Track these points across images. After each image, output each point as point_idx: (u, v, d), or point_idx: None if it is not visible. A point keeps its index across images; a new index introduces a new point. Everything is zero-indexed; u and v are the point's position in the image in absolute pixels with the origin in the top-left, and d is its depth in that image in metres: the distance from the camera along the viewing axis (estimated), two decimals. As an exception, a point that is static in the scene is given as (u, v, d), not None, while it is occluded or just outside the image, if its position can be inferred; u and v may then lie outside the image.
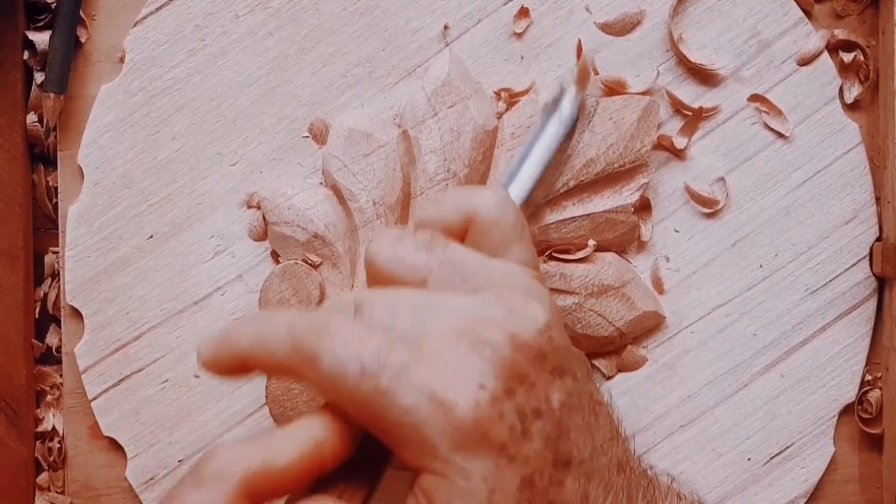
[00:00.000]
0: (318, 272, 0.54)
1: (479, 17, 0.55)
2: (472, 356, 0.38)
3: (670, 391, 0.56)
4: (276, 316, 0.40)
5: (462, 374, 0.38)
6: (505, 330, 0.39)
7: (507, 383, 0.39)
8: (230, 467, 0.37)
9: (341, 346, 0.38)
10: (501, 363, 0.39)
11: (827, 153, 0.56)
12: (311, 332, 0.39)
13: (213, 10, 0.55)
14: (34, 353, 0.57)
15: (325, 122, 0.55)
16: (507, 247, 0.43)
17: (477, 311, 0.40)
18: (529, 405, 0.39)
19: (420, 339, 0.39)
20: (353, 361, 0.38)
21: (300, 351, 0.38)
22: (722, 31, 0.56)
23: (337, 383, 0.38)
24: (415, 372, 0.38)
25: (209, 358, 0.41)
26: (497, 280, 0.41)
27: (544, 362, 0.40)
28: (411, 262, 0.41)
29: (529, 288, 0.41)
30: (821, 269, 0.56)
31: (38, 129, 0.56)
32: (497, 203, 0.43)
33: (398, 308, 0.40)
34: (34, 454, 0.57)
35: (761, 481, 0.56)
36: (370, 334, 0.38)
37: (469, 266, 0.41)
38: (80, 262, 0.56)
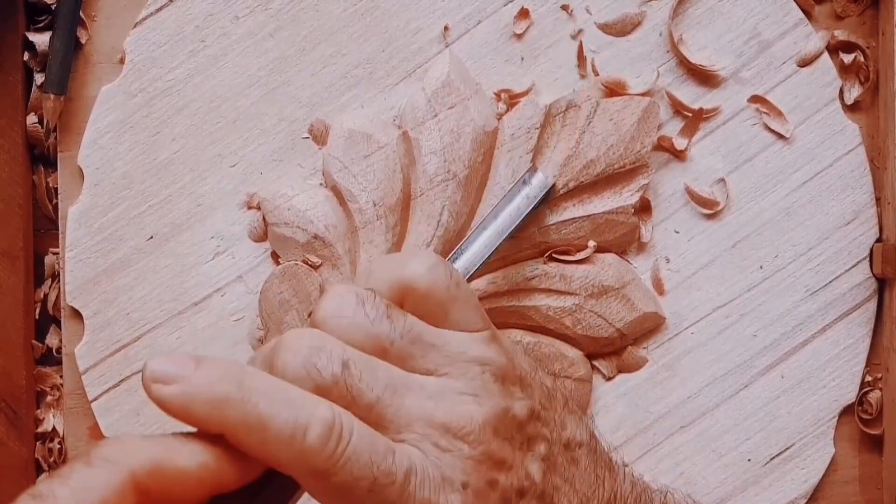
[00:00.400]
0: (318, 273, 0.54)
1: (479, 18, 0.55)
2: (452, 453, 0.39)
3: (670, 392, 0.56)
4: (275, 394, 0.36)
5: (448, 474, 0.38)
6: (477, 419, 0.39)
7: (489, 475, 0.39)
8: (123, 455, 0.35)
9: (356, 465, 0.36)
10: (481, 457, 0.39)
11: (827, 154, 0.56)
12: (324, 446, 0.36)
13: (213, 11, 0.55)
14: (34, 354, 0.57)
15: (325, 123, 0.55)
16: (445, 312, 0.42)
17: (448, 399, 0.39)
18: (513, 488, 0.40)
19: (403, 428, 0.39)
20: (366, 478, 0.37)
21: (310, 464, 0.36)
22: (722, 33, 0.56)
23: (341, 497, 0.37)
24: (412, 479, 0.38)
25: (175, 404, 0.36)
26: (453, 356, 0.41)
27: (515, 439, 0.40)
28: (374, 329, 0.40)
29: (490, 361, 0.41)
30: (821, 270, 0.56)
31: (38, 131, 0.56)
32: (426, 270, 0.42)
33: (378, 382, 0.39)
34: (34, 455, 0.57)
35: (761, 482, 0.56)
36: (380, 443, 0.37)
37: (426, 340, 0.41)
38: (80, 262, 0.56)
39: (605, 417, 0.56)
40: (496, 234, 0.51)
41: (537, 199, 0.52)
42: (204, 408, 0.36)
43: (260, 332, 0.55)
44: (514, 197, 0.52)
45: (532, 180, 0.53)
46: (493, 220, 0.52)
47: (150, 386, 0.36)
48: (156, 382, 0.36)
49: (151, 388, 0.36)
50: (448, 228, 0.53)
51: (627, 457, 0.56)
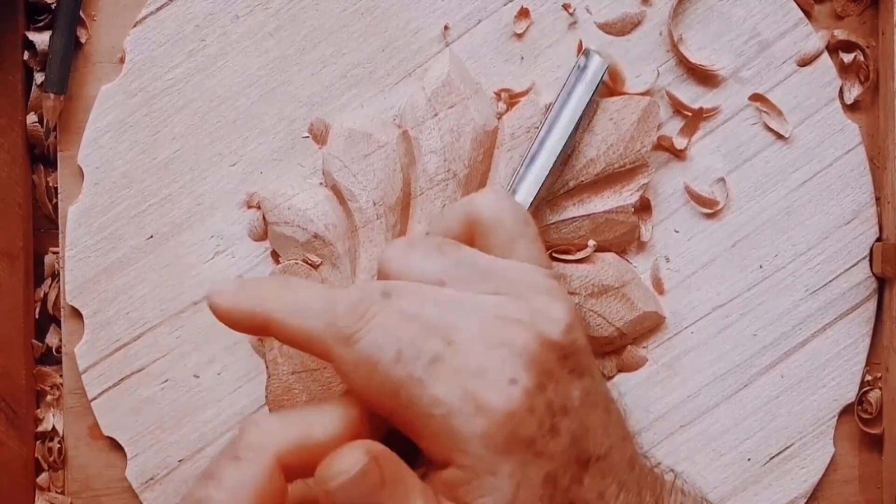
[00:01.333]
0: (318, 272, 0.54)
1: (479, 17, 0.55)
2: (502, 350, 0.38)
3: (670, 391, 0.56)
4: (314, 288, 0.40)
5: (492, 368, 0.38)
6: (532, 329, 0.39)
7: (539, 378, 0.38)
8: (266, 440, 0.37)
9: (379, 329, 0.38)
10: (532, 358, 0.39)
11: (827, 154, 0.56)
12: (350, 312, 0.38)
13: (213, 10, 0.55)
14: (34, 354, 0.57)
15: (325, 123, 0.55)
16: (511, 246, 0.43)
17: (502, 310, 0.40)
18: (558, 401, 0.39)
19: (450, 333, 0.38)
20: (390, 346, 0.37)
21: (337, 329, 0.38)
22: (722, 32, 0.56)
23: (370, 367, 0.38)
24: (447, 364, 0.37)
25: (227, 307, 0.40)
26: (515, 280, 0.41)
27: (566, 361, 0.40)
28: (425, 265, 0.41)
29: (549, 288, 0.41)
30: (821, 269, 0.56)
31: (38, 130, 0.56)
32: (493, 203, 0.43)
33: (425, 300, 0.39)
34: (34, 454, 0.57)
35: (761, 481, 0.56)
36: (409, 322, 0.38)
37: (484, 266, 0.41)
38: (80, 262, 0.56)
39: (605, 417, 0.56)
40: (564, 129, 0.51)
41: (597, 85, 0.52)
42: (250, 301, 0.39)
43: (260, 331, 0.55)
44: (574, 89, 0.52)
45: (589, 64, 0.52)
46: (557, 117, 0.51)
47: (211, 297, 0.41)
48: (215, 294, 0.41)
49: (212, 297, 0.41)
50: (448, 228, 0.53)
51: (627, 456, 0.56)
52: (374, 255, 0.53)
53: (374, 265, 0.53)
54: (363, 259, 0.54)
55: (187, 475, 0.56)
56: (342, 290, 0.40)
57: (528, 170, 0.51)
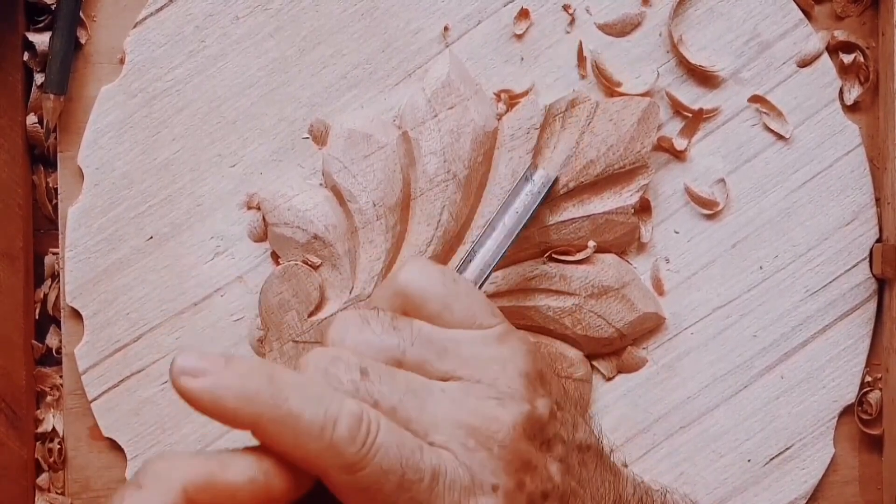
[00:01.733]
0: (318, 273, 0.54)
1: (479, 18, 0.55)
2: (481, 454, 0.38)
3: (670, 392, 0.56)
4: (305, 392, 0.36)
5: (477, 476, 0.38)
6: (504, 420, 0.39)
7: (517, 476, 0.39)
8: (174, 472, 0.35)
9: (385, 457, 0.36)
10: (509, 458, 0.39)
11: (827, 154, 0.56)
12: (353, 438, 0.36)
13: (213, 11, 0.55)
14: (34, 354, 0.57)
15: (325, 124, 0.55)
16: (449, 310, 0.42)
17: (472, 401, 0.39)
18: (538, 490, 0.39)
19: (430, 432, 0.38)
20: (395, 473, 0.36)
21: (339, 455, 0.36)
22: (722, 33, 0.56)
23: (371, 493, 0.36)
24: (442, 479, 0.37)
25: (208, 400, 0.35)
26: (468, 357, 0.40)
27: (537, 440, 0.40)
28: (382, 343, 0.40)
29: (502, 356, 0.41)
30: (821, 270, 0.56)
31: (38, 131, 0.56)
32: (417, 275, 0.42)
33: (401, 385, 0.38)
34: (34, 455, 0.57)
35: (761, 482, 0.56)
36: (407, 439, 0.37)
37: (438, 342, 0.40)
38: (79, 263, 0.56)
39: (605, 418, 0.56)
40: (504, 236, 0.51)
41: (541, 196, 0.52)
42: (235, 401, 0.35)
43: (260, 332, 0.55)
44: (517, 196, 0.52)
45: (534, 177, 0.53)
46: (499, 222, 0.52)
47: (178, 378, 0.35)
48: (184, 375, 0.35)
49: (180, 380, 0.35)
50: (448, 229, 0.53)
51: (627, 457, 0.56)
52: (373, 256, 0.53)
53: (373, 266, 0.53)
54: (363, 260, 0.54)
55: (187, 476, 0.55)
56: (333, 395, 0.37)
57: (483, 243, 0.51)
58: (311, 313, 0.54)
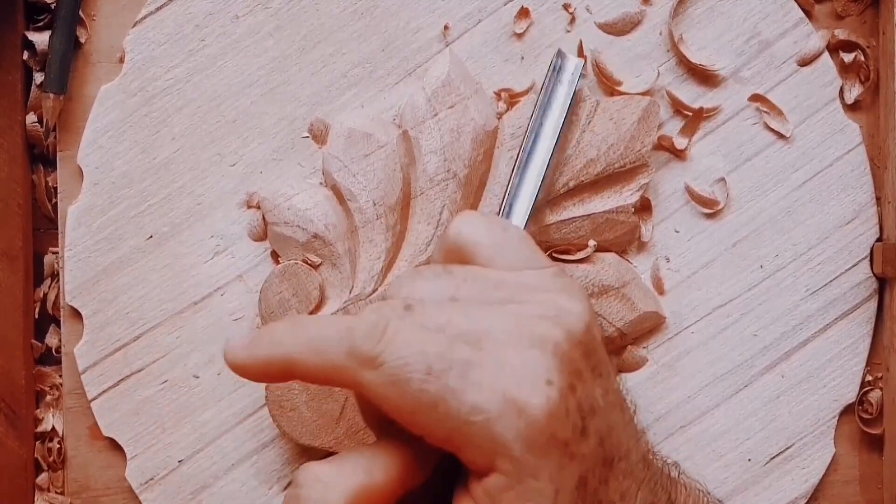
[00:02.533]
0: (317, 272, 0.54)
1: (479, 17, 0.55)
2: (535, 351, 0.38)
3: (670, 392, 0.56)
4: (327, 320, 0.39)
5: (528, 370, 0.37)
6: (559, 326, 0.39)
7: (570, 378, 0.38)
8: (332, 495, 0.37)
9: (404, 346, 0.37)
10: (563, 358, 0.38)
11: (827, 153, 0.56)
12: (369, 335, 0.37)
13: (212, 10, 0.55)
14: (34, 354, 0.57)
15: (325, 123, 0.55)
16: (499, 258, 0.42)
17: (527, 310, 0.39)
18: (586, 402, 0.39)
19: (479, 338, 0.38)
20: (419, 362, 0.37)
21: (359, 354, 0.37)
22: (722, 32, 0.56)
23: (401, 386, 0.37)
24: (481, 370, 0.37)
25: (244, 360, 0.39)
26: (526, 285, 0.41)
27: (589, 359, 0.40)
28: (436, 287, 0.40)
29: (562, 286, 0.41)
30: (821, 269, 0.56)
31: (37, 130, 0.56)
32: (465, 227, 0.43)
33: (449, 309, 0.39)
34: (34, 454, 0.57)
35: (762, 482, 0.56)
36: (431, 334, 0.38)
37: (494, 277, 0.41)
38: (79, 262, 0.55)
39: (606, 417, 0.56)
40: (550, 134, 0.51)
41: (576, 86, 0.52)
42: (267, 348, 0.39)
43: (260, 331, 0.55)
44: (553, 94, 0.52)
45: (565, 65, 0.52)
46: (539, 126, 0.51)
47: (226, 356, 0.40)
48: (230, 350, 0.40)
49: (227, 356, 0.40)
50: (448, 228, 0.53)
51: (628, 456, 0.56)
52: (373, 255, 0.53)
53: (373, 265, 0.53)
54: (363, 259, 0.54)
55: (187, 475, 0.55)
56: (356, 315, 0.40)
57: (521, 179, 0.51)
58: (311, 312, 0.54)
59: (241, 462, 0.56)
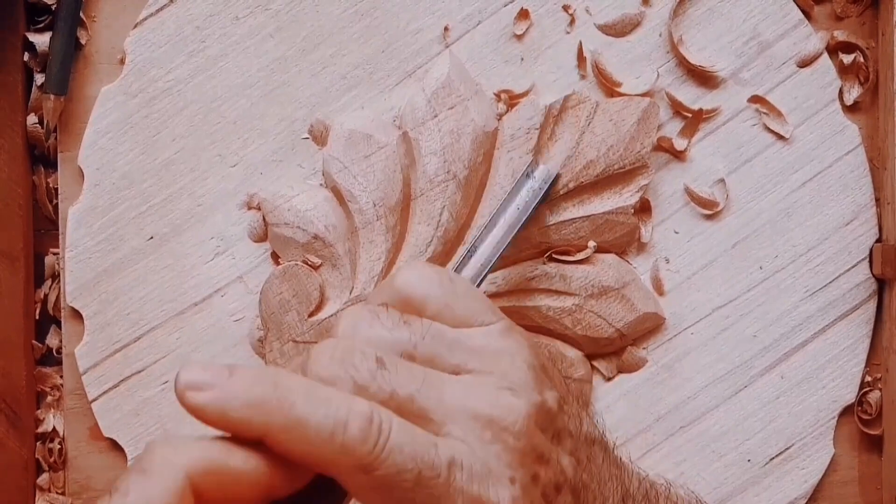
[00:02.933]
0: (318, 273, 0.54)
1: (479, 18, 0.55)
2: (496, 447, 0.38)
3: (670, 392, 0.56)
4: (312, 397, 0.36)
5: (493, 468, 0.38)
6: (516, 414, 0.39)
7: (532, 468, 0.38)
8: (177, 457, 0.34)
9: (398, 453, 0.36)
10: (525, 449, 0.38)
11: (827, 155, 0.56)
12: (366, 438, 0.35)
13: (213, 11, 0.55)
14: (34, 355, 0.57)
15: (325, 124, 0.55)
16: (450, 311, 0.41)
17: (484, 392, 0.39)
18: (551, 483, 0.39)
19: (446, 422, 0.38)
20: (411, 471, 0.36)
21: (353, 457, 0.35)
22: (722, 33, 0.56)
23: (387, 492, 0.36)
24: (458, 472, 0.37)
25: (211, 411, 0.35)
26: (477, 350, 0.40)
27: (549, 429, 0.40)
28: (394, 337, 0.39)
29: (509, 349, 0.41)
30: (821, 270, 0.56)
31: (38, 131, 0.56)
32: (416, 277, 0.42)
33: (418, 376, 0.38)
34: (34, 455, 0.57)
35: (761, 482, 0.56)
36: (421, 436, 0.37)
37: (449, 337, 0.40)
38: (80, 263, 0.56)
39: (606, 417, 0.55)
40: (504, 233, 0.51)
41: (542, 193, 0.52)
42: (241, 412, 0.35)
43: (260, 332, 0.55)
44: (518, 193, 0.52)
45: (535, 173, 0.53)
46: (499, 219, 0.52)
47: (184, 394, 0.35)
48: (190, 390, 0.35)
49: (186, 395, 0.35)
50: (448, 229, 0.53)
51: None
52: (374, 256, 0.53)
53: (373, 266, 0.53)
54: (363, 260, 0.54)
55: (187, 476, 0.56)
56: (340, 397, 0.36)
57: (482, 241, 0.51)
58: (312, 313, 0.54)
59: (242, 463, 0.56)
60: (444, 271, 0.43)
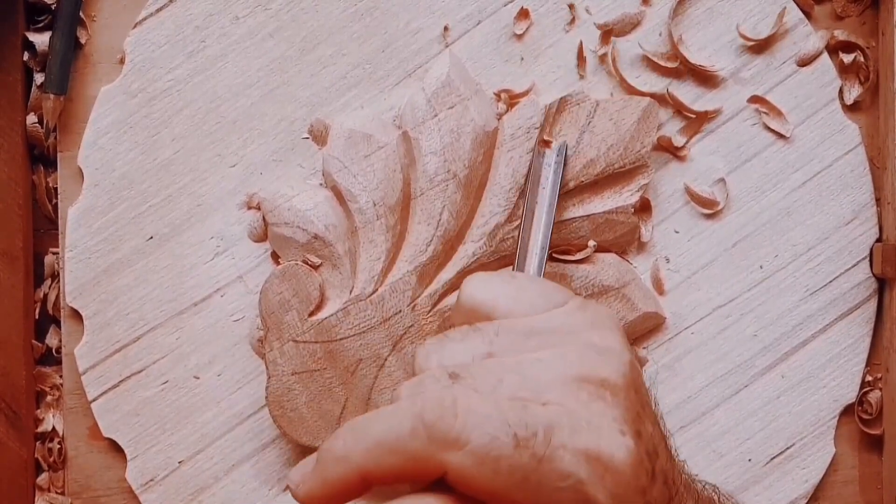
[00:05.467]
0: (318, 273, 0.54)
1: (479, 18, 0.55)
2: (598, 403, 0.37)
3: (671, 392, 0.56)
4: (385, 415, 0.36)
5: (600, 423, 0.37)
6: (607, 369, 0.38)
7: (635, 425, 0.38)
8: None
9: (485, 420, 0.35)
10: (624, 404, 0.38)
11: (827, 154, 0.56)
12: (443, 415, 0.35)
13: (212, 11, 0.55)
14: (34, 354, 0.57)
15: (325, 124, 0.55)
16: (519, 303, 0.41)
17: (571, 358, 0.38)
18: (651, 444, 0.38)
19: (539, 393, 0.37)
20: (505, 434, 0.35)
21: (440, 437, 0.35)
22: (722, 33, 0.56)
23: (492, 461, 0.35)
24: (560, 430, 0.36)
25: (318, 490, 0.36)
26: (556, 328, 0.39)
27: (639, 395, 0.39)
28: (467, 347, 0.39)
29: (593, 321, 0.40)
30: (821, 269, 0.56)
31: (38, 130, 0.56)
32: (475, 287, 0.41)
33: (494, 367, 0.38)
34: (34, 455, 0.57)
35: (762, 482, 0.56)
36: (504, 400, 0.36)
37: (521, 326, 0.40)
38: (79, 263, 0.56)
39: (606, 417, 0.56)
40: (546, 218, 0.52)
41: (562, 165, 0.53)
42: (335, 469, 0.36)
43: (260, 332, 0.55)
44: (539, 178, 0.52)
45: (546, 154, 0.53)
46: (534, 208, 0.52)
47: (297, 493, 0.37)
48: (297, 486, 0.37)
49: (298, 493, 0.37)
50: (448, 228, 0.53)
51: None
52: (374, 256, 0.53)
53: (373, 266, 0.53)
54: (363, 260, 0.54)
55: (187, 476, 0.56)
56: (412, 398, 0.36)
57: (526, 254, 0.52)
58: (312, 313, 0.54)
59: (242, 463, 0.56)
60: (501, 272, 0.43)
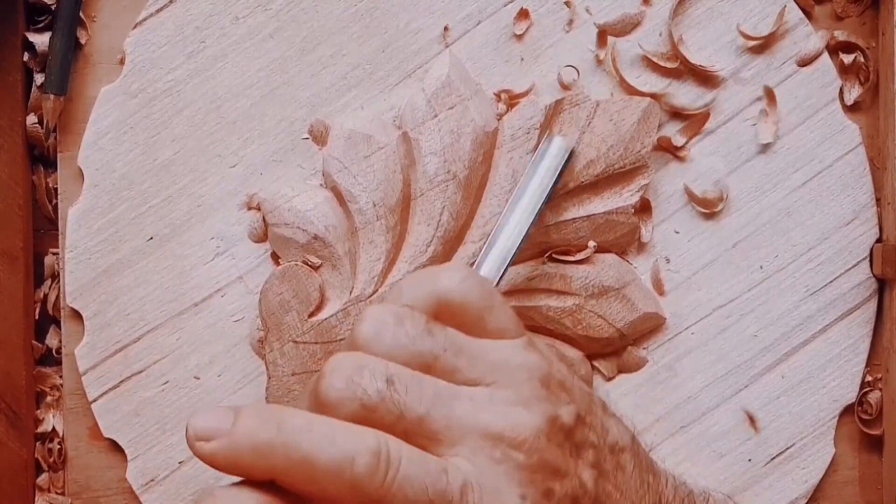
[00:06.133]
0: (318, 274, 0.54)
1: (479, 18, 0.55)
2: (508, 464, 0.38)
3: (671, 392, 0.56)
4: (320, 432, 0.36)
5: (504, 487, 0.38)
6: (530, 426, 0.39)
7: (545, 484, 0.38)
8: None
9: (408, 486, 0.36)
10: (536, 465, 0.38)
11: (827, 154, 0.56)
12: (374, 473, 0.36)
13: (213, 11, 0.55)
14: (34, 355, 0.57)
15: (325, 124, 0.55)
16: (482, 322, 0.41)
17: (498, 408, 0.39)
18: (567, 497, 0.39)
19: (454, 443, 0.38)
20: (423, 499, 0.36)
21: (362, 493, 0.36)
22: (722, 33, 0.56)
23: None
24: (471, 496, 0.37)
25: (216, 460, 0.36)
26: (497, 365, 0.40)
27: (565, 446, 0.40)
28: (416, 346, 0.39)
29: (531, 365, 0.41)
30: (821, 270, 0.56)
31: (38, 131, 0.56)
32: (460, 282, 0.42)
33: (428, 393, 0.38)
34: (34, 455, 0.57)
35: (762, 482, 0.56)
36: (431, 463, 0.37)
37: (469, 351, 0.40)
38: (80, 263, 0.56)
39: (606, 418, 0.56)
40: (526, 216, 0.51)
41: (560, 168, 0.52)
42: (249, 457, 0.35)
43: (260, 332, 0.55)
44: (535, 173, 0.52)
45: (550, 149, 0.52)
46: (518, 202, 0.51)
47: (194, 445, 0.36)
48: (199, 441, 0.36)
49: (196, 446, 0.36)
50: (448, 229, 0.53)
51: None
52: (374, 257, 0.53)
53: (374, 267, 0.53)
54: (363, 260, 0.54)
55: (188, 476, 0.56)
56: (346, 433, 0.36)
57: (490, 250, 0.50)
58: (312, 314, 0.54)
59: (242, 463, 0.56)
60: (486, 282, 0.43)
